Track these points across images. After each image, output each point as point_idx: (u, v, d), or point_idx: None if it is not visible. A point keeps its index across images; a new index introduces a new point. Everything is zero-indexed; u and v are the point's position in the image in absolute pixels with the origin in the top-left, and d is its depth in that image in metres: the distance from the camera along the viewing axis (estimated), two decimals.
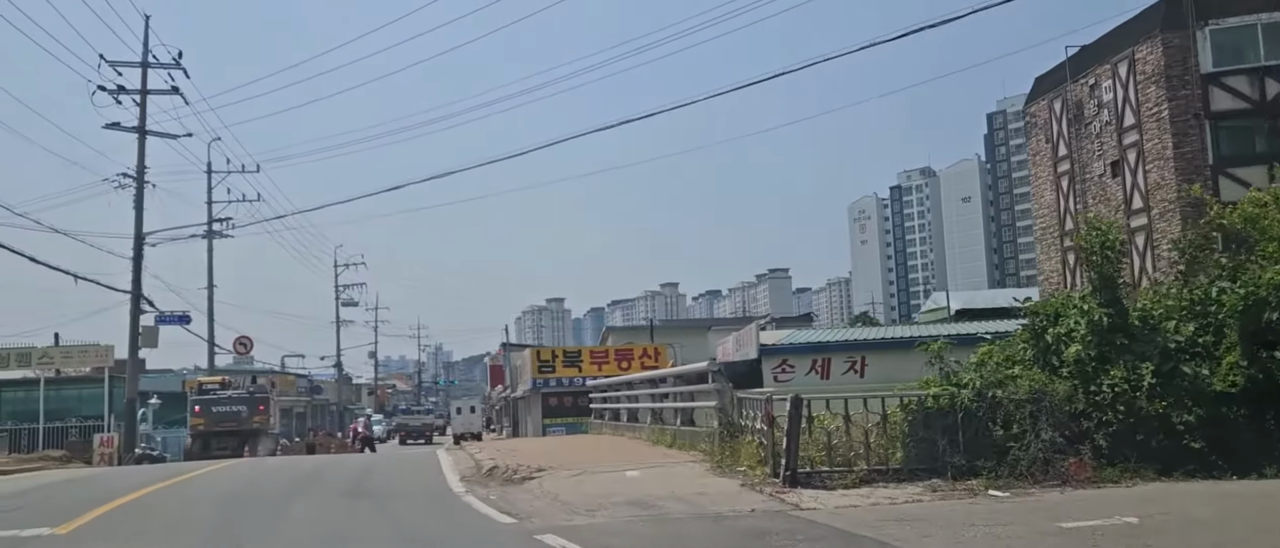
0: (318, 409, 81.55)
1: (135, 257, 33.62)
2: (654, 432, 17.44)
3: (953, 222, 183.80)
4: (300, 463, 19.56)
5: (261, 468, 17.64)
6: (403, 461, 18.50)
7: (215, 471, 17.37)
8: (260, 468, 17.72)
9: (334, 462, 19.22)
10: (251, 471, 17.48)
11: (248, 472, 17.18)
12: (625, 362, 39.02)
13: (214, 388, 35.56)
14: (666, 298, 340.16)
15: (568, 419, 39.41)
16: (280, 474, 16.01)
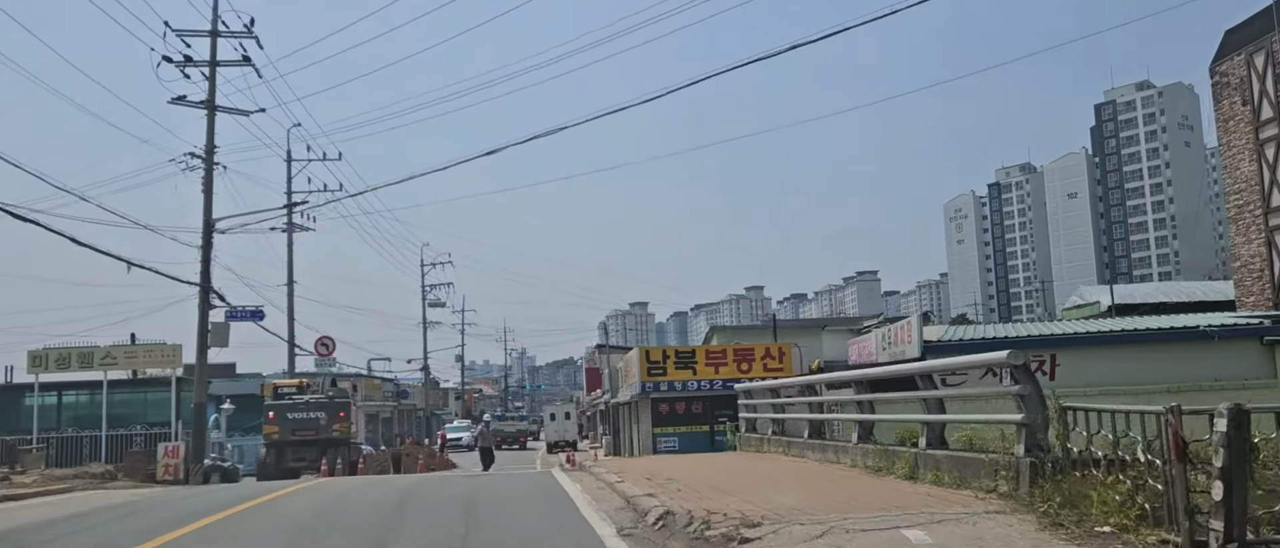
0: (404, 414, 78.56)
1: (204, 245, 30.16)
2: (866, 454, 12.82)
3: (1058, 218, 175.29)
4: (381, 490, 15.36)
5: (327, 501, 13.43)
6: (514, 490, 14.22)
7: (259, 506, 13.27)
8: (325, 500, 13.52)
9: (423, 490, 15.04)
10: (313, 505, 13.31)
11: (309, 507, 13.02)
12: (745, 363, 34.43)
13: (290, 392, 32.01)
14: (751, 301, 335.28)
15: (681, 428, 34.97)
16: (352, 513, 11.79)
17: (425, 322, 76.69)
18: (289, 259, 43.83)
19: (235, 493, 17.38)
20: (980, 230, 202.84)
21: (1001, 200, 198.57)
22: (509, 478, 18.88)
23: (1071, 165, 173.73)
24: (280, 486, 20.27)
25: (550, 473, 19.11)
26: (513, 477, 19.39)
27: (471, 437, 62.89)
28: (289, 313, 43.41)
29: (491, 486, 15.50)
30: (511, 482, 16.74)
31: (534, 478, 18.56)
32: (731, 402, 35.81)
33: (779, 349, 34.95)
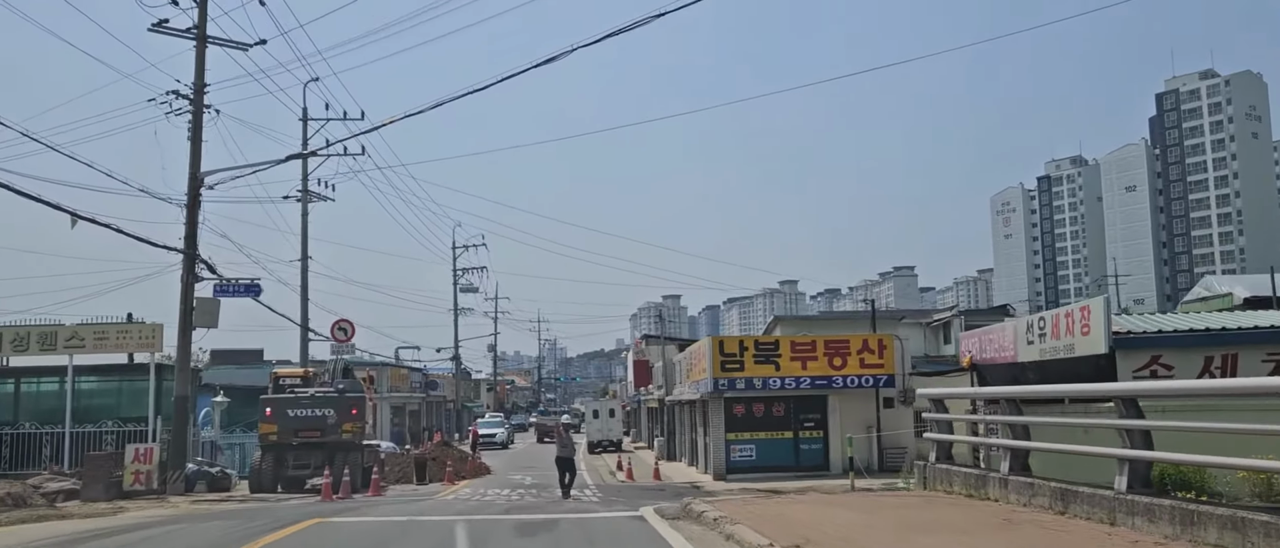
0: (433, 406, 73.39)
1: (190, 204, 24.80)
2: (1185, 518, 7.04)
3: (1114, 212, 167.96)
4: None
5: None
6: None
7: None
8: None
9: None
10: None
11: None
12: (839, 358, 28.67)
13: (293, 384, 26.57)
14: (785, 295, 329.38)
15: (759, 434, 29.25)
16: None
17: (457, 308, 71.30)
18: (303, 231, 38.47)
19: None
20: (1029, 225, 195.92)
21: (1052, 194, 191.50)
22: (575, 508, 13.18)
23: (1130, 157, 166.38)
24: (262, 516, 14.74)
25: (644, 516, 13.36)
26: (589, 519, 13.62)
27: (506, 433, 57.38)
28: (303, 293, 38.07)
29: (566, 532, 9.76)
30: (579, 518, 11.05)
31: (622, 525, 12.83)
32: (820, 404, 30.17)
33: (879, 342, 29.17)
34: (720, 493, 24.58)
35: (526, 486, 27.04)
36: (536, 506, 16.43)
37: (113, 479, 22.54)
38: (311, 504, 20.70)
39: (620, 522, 12.96)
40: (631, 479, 29.03)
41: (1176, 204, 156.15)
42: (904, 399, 29.68)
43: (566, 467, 22.98)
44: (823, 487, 24.78)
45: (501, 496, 22.71)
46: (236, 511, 17.61)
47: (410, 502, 18.63)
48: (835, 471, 28.82)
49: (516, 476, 31.59)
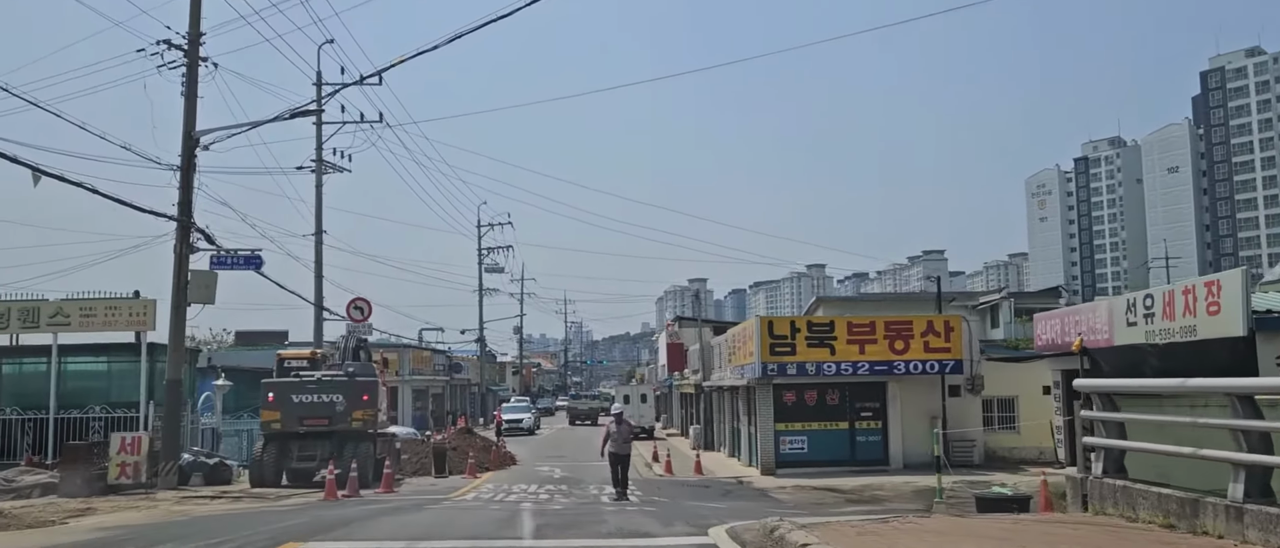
0: (457, 390, 71.09)
1: (184, 166, 22.31)
2: None
3: (1155, 194, 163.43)
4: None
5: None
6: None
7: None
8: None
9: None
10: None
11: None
12: (901, 340, 25.88)
13: (299, 366, 24.09)
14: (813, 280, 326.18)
15: (812, 425, 26.54)
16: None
17: (481, 288, 68.90)
18: (317, 203, 36.00)
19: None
20: (1065, 207, 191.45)
21: (1089, 176, 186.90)
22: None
23: (1173, 137, 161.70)
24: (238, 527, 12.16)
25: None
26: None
27: (533, 418, 54.62)
28: (317, 269, 35.63)
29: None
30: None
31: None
32: (878, 392, 27.41)
33: (945, 323, 26.35)
34: (773, 490, 21.96)
35: (556, 481, 24.48)
36: (572, 517, 13.76)
37: (95, 472, 20.15)
38: (312, 504, 18.20)
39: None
40: (670, 473, 26.45)
41: (1221, 185, 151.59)
42: (972, 387, 26.88)
43: (620, 465, 19.76)
44: (891, 489, 22.08)
45: (529, 494, 20.13)
46: (221, 515, 15.11)
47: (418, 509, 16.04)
48: (895, 466, 26.10)
49: (545, 468, 29.06)
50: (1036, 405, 28.39)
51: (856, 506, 18.67)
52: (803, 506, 18.50)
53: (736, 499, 19.97)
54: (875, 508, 17.97)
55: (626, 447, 19.87)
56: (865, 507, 18.19)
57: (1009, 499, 15.55)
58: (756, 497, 20.59)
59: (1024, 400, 28.53)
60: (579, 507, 16.74)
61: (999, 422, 28.46)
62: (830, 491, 21.77)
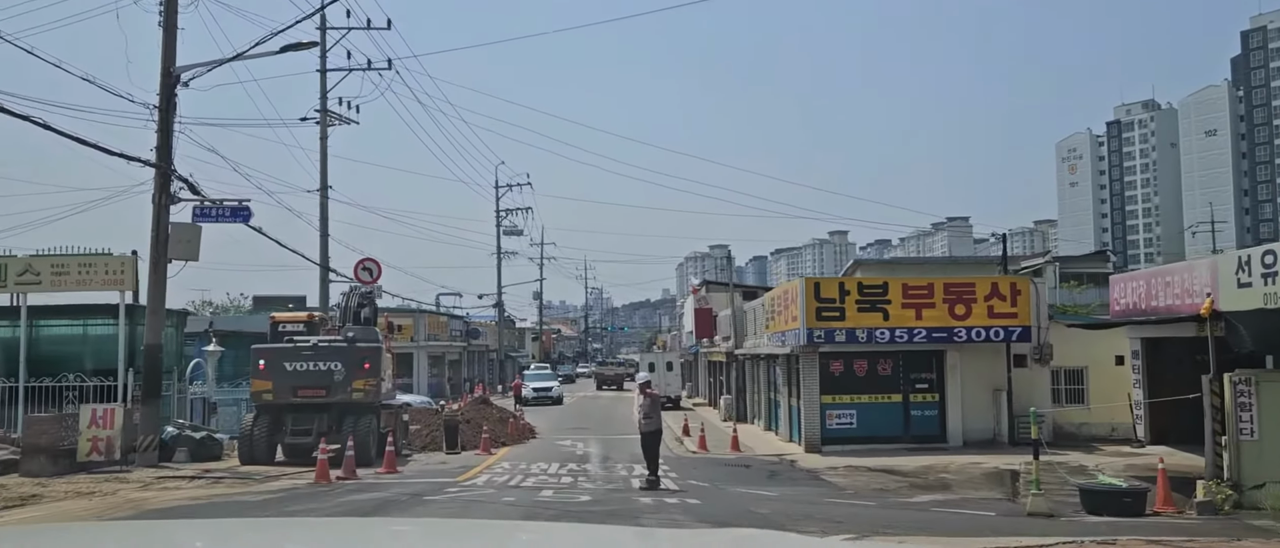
0: (475, 356, 68.97)
1: (162, 106, 19.86)
2: None
3: (1192, 158, 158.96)
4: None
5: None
6: None
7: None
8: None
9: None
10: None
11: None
12: (962, 304, 23.25)
13: (295, 331, 21.74)
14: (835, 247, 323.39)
15: (862, 397, 23.99)
16: None
17: (500, 251, 66.59)
18: (322, 156, 33.70)
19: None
20: (1096, 172, 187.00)
21: (1122, 140, 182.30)
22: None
23: (1211, 99, 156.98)
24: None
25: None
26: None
27: (558, 390, 51.44)
28: (322, 227, 33.38)
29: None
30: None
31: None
32: (935, 362, 24.82)
33: (1012, 285, 23.69)
34: (823, 472, 19.46)
35: (579, 458, 22.08)
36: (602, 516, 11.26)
37: (62, 448, 17.90)
38: (299, 488, 15.90)
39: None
40: (705, 449, 24.01)
41: (1261, 149, 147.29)
42: (1040, 357, 24.24)
43: (652, 443, 16.83)
44: (956, 470, 19.50)
45: (549, 477, 17.72)
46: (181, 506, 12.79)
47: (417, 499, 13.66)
48: (954, 443, 23.54)
49: (567, 442, 26.67)
50: (1108, 378, 25.76)
51: (927, 493, 16.18)
52: (864, 493, 16.03)
53: (786, 484, 17.52)
54: (951, 497, 15.49)
55: (657, 422, 17.24)
56: (938, 496, 15.69)
57: (1120, 493, 13.01)
58: (808, 480, 18.12)
59: (1094, 372, 25.87)
60: (608, 496, 14.36)
61: (1066, 395, 25.84)
62: (888, 473, 19.26)
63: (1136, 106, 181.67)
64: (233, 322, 45.37)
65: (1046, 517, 12.54)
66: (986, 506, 14.09)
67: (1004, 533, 10.42)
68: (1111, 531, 10.94)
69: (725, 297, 40.57)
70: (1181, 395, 20.17)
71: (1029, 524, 11.68)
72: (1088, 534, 11.24)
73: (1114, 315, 23.08)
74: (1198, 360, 24.11)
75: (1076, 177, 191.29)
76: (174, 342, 23.18)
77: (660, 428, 17.25)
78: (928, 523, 11.21)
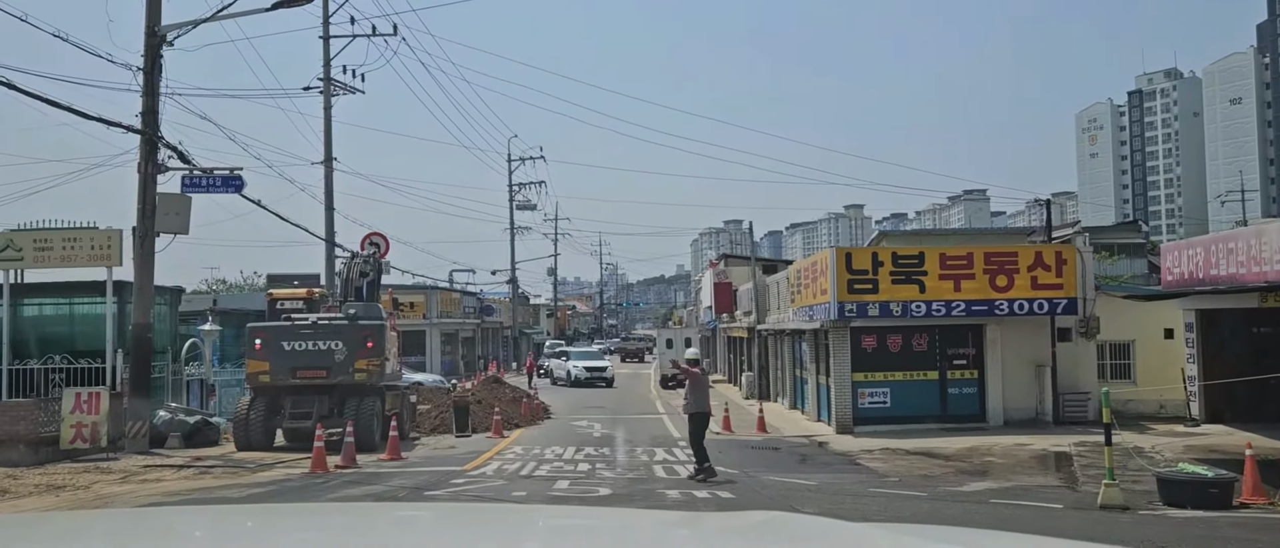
0: (488, 333, 67.81)
1: (147, 67, 18.52)
2: None
3: (1216, 127, 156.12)
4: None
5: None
6: None
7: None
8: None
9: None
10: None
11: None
12: (1004, 275, 21.79)
13: (295, 307, 20.44)
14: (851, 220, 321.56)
15: (896, 374, 22.57)
16: None
17: (513, 226, 65.30)
18: (326, 126, 32.46)
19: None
20: (1117, 143, 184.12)
21: (1143, 110, 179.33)
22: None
23: (1236, 67, 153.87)
24: None
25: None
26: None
27: (577, 370, 43.51)
28: (327, 200, 32.19)
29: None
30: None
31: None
32: (974, 336, 23.35)
33: (1057, 255, 22.18)
34: (858, 455, 18.07)
35: (596, 441, 20.77)
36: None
37: (44, 436, 16.71)
38: (293, 478, 14.64)
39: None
40: (729, 430, 22.67)
41: None
42: (1086, 330, 22.77)
43: (697, 431, 14.94)
44: (1001, 453, 18.12)
45: (565, 464, 16.39)
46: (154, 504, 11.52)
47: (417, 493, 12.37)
48: (994, 423, 22.15)
49: (582, 423, 25.37)
50: (1156, 351, 24.28)
51: (976, 480, 14.79)
52: (909, 480, 14.65)
53: (822, 469, 16.15)
54: (1005, 485, 14.10)
55: (703, 404, 15.37)
56: (991, 484, 14.29)
57: (1206, 483, 11.58)
58: (844, 465, 16.75)
59: (1141, 346, 24.41)
60: (631, 489, 13.05)
61: (1112, 371, 24.39)
62: (927, 456, 17.90)
63: (1159, 75, 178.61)
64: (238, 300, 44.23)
65: (1122, 510, 11.16)
66: (1048, 495, 12.70)
67: (1097, 537, 9.03)
68: (1211, 527, 9.57)
69: (745, 271, 39.17)
70: (1261, 374, 18.79)
71: (1112, 521, 10.30)
72: (1178, 530, 9.88)
73: (1166, 285, 21.57)
74: (1257, 333, 22.71)
75: (1097, 147, 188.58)
76: (168, 321, 21.94)
77: (706, 411, 15.46)
78: (1000, 522, 9.83)
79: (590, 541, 2.44)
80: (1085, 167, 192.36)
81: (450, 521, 2.79)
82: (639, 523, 3.06)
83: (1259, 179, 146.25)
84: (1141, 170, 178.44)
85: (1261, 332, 21.84)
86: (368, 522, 2.66)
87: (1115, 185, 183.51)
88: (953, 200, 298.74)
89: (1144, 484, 12.91)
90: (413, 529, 2.52)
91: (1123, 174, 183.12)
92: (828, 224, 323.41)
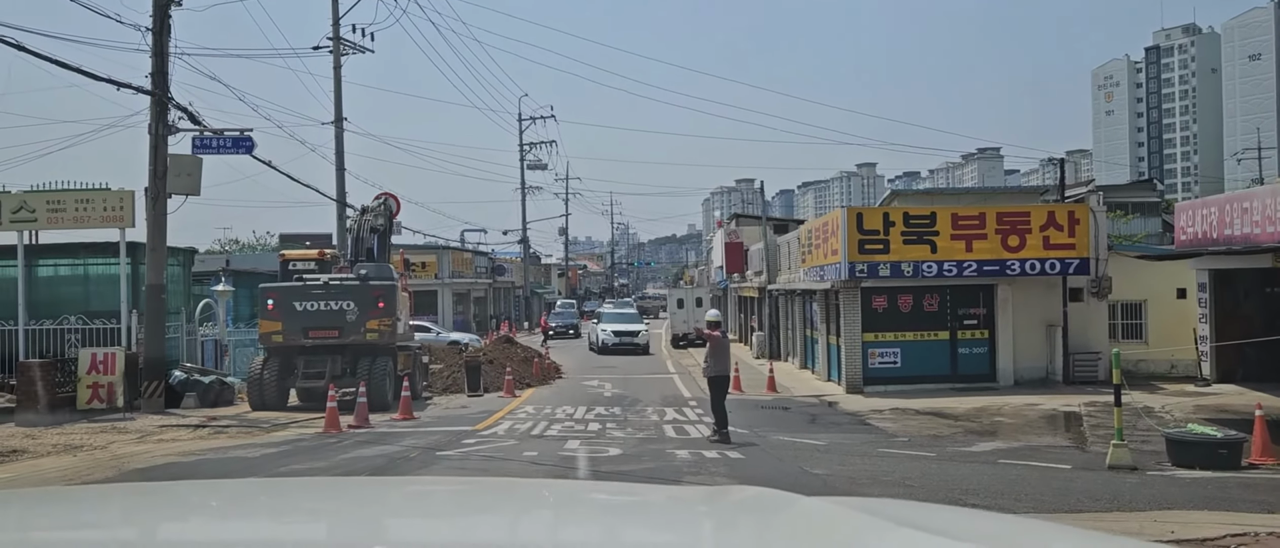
0: (500, 293, 67.99)
1: (156, 28, 18.49)
2: None
3: (1233, 84, 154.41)
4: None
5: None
6: None
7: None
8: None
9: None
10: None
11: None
12: (1016, 235, 21.71)
13: (307, 268, 20.52)
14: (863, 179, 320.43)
15: (906, 335, 22.58)
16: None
17: (524, 186, 65.20)
18: (336, 86, 32.30)
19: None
20: (1133, 100, 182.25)
21: (1161, 67, 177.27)
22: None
23: (1255, 22, 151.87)
24: None
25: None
26: None
27: (605, 335, 38.53)
28: (338, 161, 32.15)
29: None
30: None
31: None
32: (985, 296, 23.27)
33: (1070, 215, 22.09)
34: (868, 415, 18.16)
35: (607, 400, 20.91)
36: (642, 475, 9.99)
37: (62, 396, 16.91)
38: (305, 438, 14.79)
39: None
40: (739, 389, 22.71)
41: None
42: (1098, 290, 22.70)
43: (722, 392, 14.71)
44: (1011, 412, 18.16)
45: (576, 424, 16.50)
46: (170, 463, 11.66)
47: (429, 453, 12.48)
48: (1004, 383, 22.19)
49: (593, 383, 25.52)
50: (1168, 311, 24.26)
51: (985, 440, 14.85)
52: (918, 440, 14.72)
53: (832, 429, 16.22)
54: (1014, 445, 14.15)
55: (724, 366, 15.20)
56: (999, 443, 14.35)
57: (1215, 443, 11.59)
58: (854, 425, 16.81)
59: (1153, 305, 24.38)
60: (641, 449, 13.12)
61: (1123, 331, 24.36)
62: (937, 416, 17.97)
63: (1177, 31, 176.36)
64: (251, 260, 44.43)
65: (1130, 470, 11.19)
66: (1056, 456, 12.74)
67: (1104, 497, 9.06)
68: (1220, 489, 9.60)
69: (756, 230, 39.08)
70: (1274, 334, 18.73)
71: (1119, 481, 10.32)
72: (1186, 491, 9.91)
73: (1180, 245, 21.47)
74: (1270, 293, 22.60)
75: (1112, 104, 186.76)
76: (181, 281, 22.09)
77: (726, 374, 15.32)
78: (1009, 484, 9.86)
79: (557, 515, 2.46)
80: (1101, 124, 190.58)
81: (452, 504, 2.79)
82: (613, 500, 3.00)
83: (1275, 136, 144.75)
84: (1158, 128, 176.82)
85: (1275, 292, 21.74)
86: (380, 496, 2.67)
87: (1131, 143, 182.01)
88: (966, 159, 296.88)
89: (1153, 444, 12.94)
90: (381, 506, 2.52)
91: (1138, 132, 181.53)
92: (840, 183, 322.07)
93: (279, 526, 2.23)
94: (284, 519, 2.28)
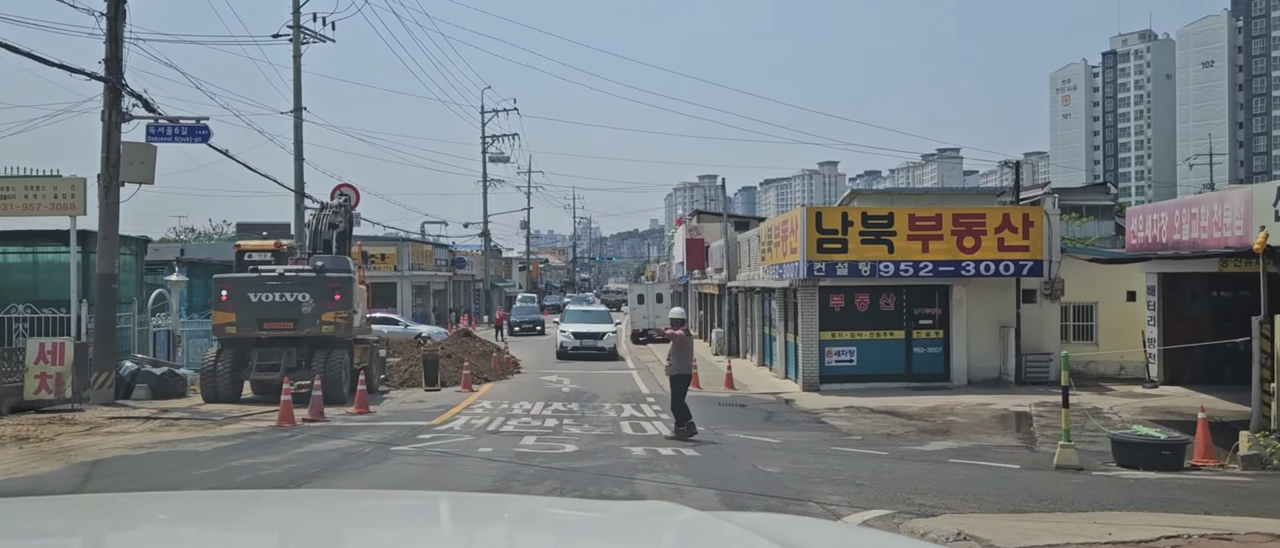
0: (460, 286, 67.73)
1: (111, 13, 18.18)
2: None
3: (1187, 90, 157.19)
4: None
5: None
6: None
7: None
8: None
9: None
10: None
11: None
12: (971, 236, 22.00)
13: (263, 259, 20.30)
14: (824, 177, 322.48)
15: (862, 333, 22.80)
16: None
17: (485, 179, 64.93)
18: (295, 75, 31.94)
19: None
20: (1090, 104, 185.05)
21: (1117, 71, 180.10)
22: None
23: (1210, 30, 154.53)
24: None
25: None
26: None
27: (565, 337, 34.27)
28: (297, 150, 31.79)
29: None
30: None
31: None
32: (941, 297, 23.59)
33: (1025, 217, 22.39)
34: (824, 413, 18.33)
35: (565, 396, 20.92)
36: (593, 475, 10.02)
37: (5, 386, 16.60)
38: (259, 432, 14.65)
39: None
40: (698, 386, 22.77)
41: (1258, 81, 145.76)
42: (1051, 292, 23.07)
43: (683, 390, 14.81)
44: (964, 412, 18.41)
45: (532, 420, 16.49)
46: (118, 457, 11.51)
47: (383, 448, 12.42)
48: (958, 382, 22.48)
49: (552, 378, 25.51)
50: (1117, 314, 24.68)
51: (937, 439, 15.05)
52: (872, 439, 14.88)
53: (787, 427, 16.36)
54: (965, 444, 14.36)
55: (686, 365, 15.32)
56: (951, 443, 14.55)
57: (1158, 445, 11.84)
58: (809, 423, 16.96)
59: (1104, 308, 24.81)
60: (596, 446, 13.13)
61: (1074, 332, 24.77)
62: (891, 414, 18.18)
63: (1134, 37, 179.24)
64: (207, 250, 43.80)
65: (1076, 470, 11.40)
66: (1007, 456, 12.95)
67: (1047, 498, 9.23)
68: (1161, 490, 9.81)
69: (717, 227, 39.21)
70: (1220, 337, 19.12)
71: (1064, 481, 10.52)
72: (1128, 492, 10.11)
73: (1131, 249, 21.86)
74: (1217, 297, 23.07)
75: (1069, 108, 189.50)
76: (134, 271, 21.78)
77: (687, 373, 15.35)
78: (957, 484, 10.01)
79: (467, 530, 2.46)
80: (1058, 127, 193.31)
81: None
82: (518, 514, 2.89)
83: (1228, 143, 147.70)
84: (1113, 132, 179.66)
85: (1222, 296, 22.20)
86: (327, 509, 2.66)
87: (1087, 147, 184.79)
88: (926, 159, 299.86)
89: (1100, 445, 13.19)
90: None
91: (1094, 136, 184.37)
92: (802, 181, 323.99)
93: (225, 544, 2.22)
94: (232, 536, 2.27)
